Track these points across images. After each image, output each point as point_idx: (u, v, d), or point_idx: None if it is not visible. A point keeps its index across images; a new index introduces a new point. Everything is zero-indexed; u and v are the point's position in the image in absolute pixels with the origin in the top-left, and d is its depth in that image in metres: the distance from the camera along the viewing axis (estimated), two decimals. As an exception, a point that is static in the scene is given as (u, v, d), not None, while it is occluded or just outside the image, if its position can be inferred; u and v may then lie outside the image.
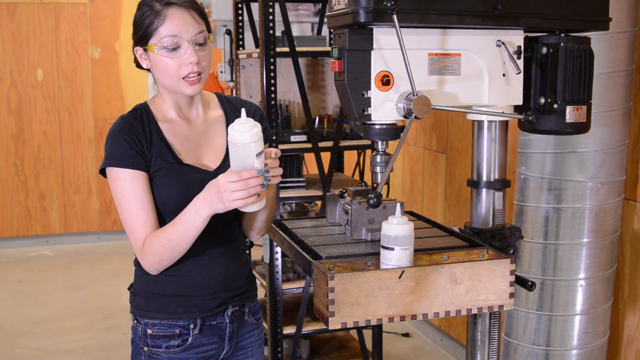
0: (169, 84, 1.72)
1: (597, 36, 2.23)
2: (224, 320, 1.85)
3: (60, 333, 4.45)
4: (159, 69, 1.71)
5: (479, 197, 1.79)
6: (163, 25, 1.67)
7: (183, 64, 1.68)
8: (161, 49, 1.67)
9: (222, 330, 1.85)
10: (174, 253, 1.70)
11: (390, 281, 1.46)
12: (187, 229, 1.66)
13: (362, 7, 1.48)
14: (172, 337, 1.80)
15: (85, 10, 6.37)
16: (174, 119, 1.80)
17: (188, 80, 1.69)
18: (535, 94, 1.72)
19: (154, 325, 1.80)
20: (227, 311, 1.85)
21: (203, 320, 1.82)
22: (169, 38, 1.66)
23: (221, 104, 1.88)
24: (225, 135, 1.80)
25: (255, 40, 3.59)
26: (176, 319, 1.79)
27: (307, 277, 3.34)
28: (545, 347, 2.49)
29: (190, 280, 1.79)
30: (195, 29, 1.68)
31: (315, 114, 3.64)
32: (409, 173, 4.42)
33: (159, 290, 1.80)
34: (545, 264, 2.47)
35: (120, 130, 1.72)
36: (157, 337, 1.80)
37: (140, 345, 1.82)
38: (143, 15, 1.70)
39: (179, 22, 1.67)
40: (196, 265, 1.80)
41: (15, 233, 6.43)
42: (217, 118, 1.85)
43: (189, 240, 1.68)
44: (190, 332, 1.80)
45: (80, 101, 6.45)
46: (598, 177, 2.40)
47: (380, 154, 1.64)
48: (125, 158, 1.70)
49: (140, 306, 1.82)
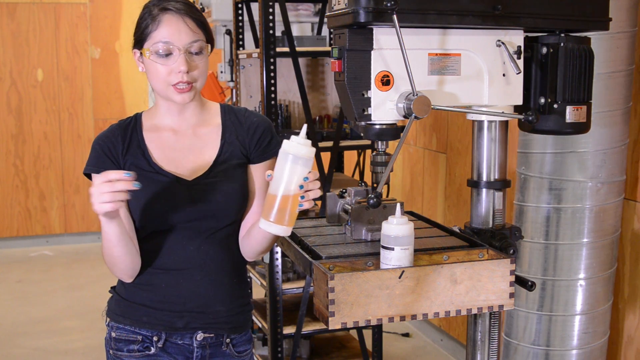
0: (159, 90, 1.71)
1: (597, 36, 2.23)
2: (192, 343, 1.76)
3: (60, 333, 4.45)
4: (150, 73, 1.70)
5: (479, 197, 1.79)
6: (156, 31, 1.65)
7: (173, 72, 1.65)
8: (153, 54, 1.66)
9: (190, 352, 1.77)
10: (112, 263, 1.69)
11: (390, 281, 1.46)
12: (103, 233, 1.63)
13: (362, 7, 1.48)
14: (134, 342, 1.75)
15: (85, 10, 6.37)
16: (163, 127, 1.76)
17: (177, 89, 1.66)
18: (535, 94, 1.72)
19: (118, 328, 1.77)
20: (195, 336, 1.75)
21: (168, 336, 1.75)
22: (162, 44, 1.64)
23: (222, 114, 1.81)
24: (217, 147, 1.76)
25: (255, 40, 3.58)
26: (139, 327, 1.75)
27: (307, 277, 3.33)
28: (545, 347, 2.49)
29: (158, 292, 1.74)
30: (189, 37, 1.65)
31: (315, 114, 3.64)
32: (409, 173, 4.42)
33: (129, 297, 1.77)
34: (545, 264, 2.47)
35: (100, 137, 1.75)
36: (119, 341, 1.77)
37: (107, 349, 1.81)
38: (142, 18, 1.69)
39: (172, 29, 1.64)
40: (165, 279, 1.74)
41: (15, 233, 6.43)
42: (212, 129, 1.78)
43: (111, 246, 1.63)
44: (153, 344, 1.75)
45: (80, 101, 6.45)
46: (598, 177, 2.40)
47: (380, 154, 1.64)
48: (95, 164, 1.71)
49: (111, 308, 1.81)
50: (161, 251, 1.72)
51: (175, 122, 1.77)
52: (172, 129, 1.76)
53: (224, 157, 1.75)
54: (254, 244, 1.75)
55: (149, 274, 1.74)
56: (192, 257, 1.73)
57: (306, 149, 1.48)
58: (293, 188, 1.48)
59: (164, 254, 1.72)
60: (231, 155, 1.76)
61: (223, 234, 1.75)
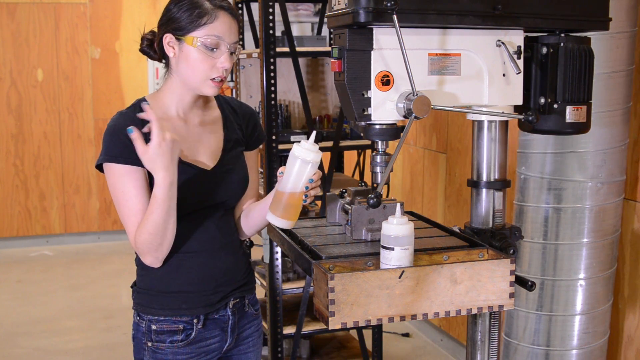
0: (193, 79, 1.74)
1: (597, 36, 2.23)
2: (227, 313, 1.88)
3: (60, 333, 4.45)
4: (189, 62, 1.72)
5: (479, 197, 1.79)
6: (212, 24, 1.70)
7: (215, 66, 1.72)
8: (201, 45, 1.70)
9: (225, 323, 1.88)
10: (163, 236, 1.69)
11: (390, 281, 1.46)
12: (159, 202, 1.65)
13: (362, 7, 1.48)
14: (176, 332, 1.82)
15: (85, 10, 6.37)
16: (173, 116, 1.81)
17: (214, 82, 1.74)
18: (535, 94, 1.72)
19: (158, 321, 1.82)
20: (229, 304, 1.88)
21: (206, 315, 1.84)
22: (214, 37, 1.70)
23: (219, 105, 1.92)
24: (222, 136, 1.87)
25: (255, 40, 3.59)
26: (180, 316, 1.82)
27: (307, 277, 3.34)
28: (545, 347, 2.49)
29: (192, 276, 1.82)
30: (235, 37, 1.76)
31: (315, 114, 3.64)
32: (409, 173, 4.42)
33: (162, 288, 1.82)
34: (545, 264, 2.47)
35: (120, 125, 1.71)
36: (161, 333, 1.82)
37: (143, 341, 1.84)
38: (193, 6, 1.71)
39: (226, 27, 1.72)
40: (197, 261, 1.82)
41: (15, 233, 6.43)
42: (215, 119, 1.89)
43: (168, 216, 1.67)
44: (194, 327, 1.83)
45: (80, 101, 6.45)
46: (598, 177, 2.40)
47: (380, 154, 1.64)
48: (123, 154, 1.69)
49: (144, 303, 1.84)
50: (187, 235, 1.80)
51: (185, 112, 1.83)
52: (181, 119, 1.82)
53: (229, 146, 1.88)
54: (252, 224, 1.93)
55: (178, 259, 1.81)
56: (214, 237, 1.84)
57: (313, 154, 1.65)
58: (300, 187, 1.66)
59: (189, 237, 1.81)
60: (235, 143, 1.90)
61: (230, 213, 1.92)
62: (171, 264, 1.80)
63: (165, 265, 1.79)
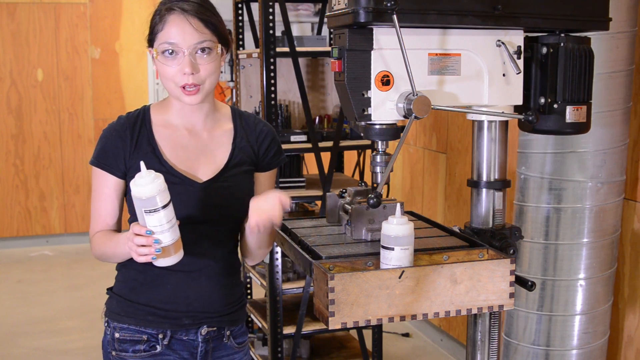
0: (169, 90, 1.71)
1: (597, 36, 2.23)
2: (196, 338, 1.78)
3: (60, 333, 4.45)
4: (160, 73, 1.70)
5: (479, 197, 1.79)
6: (162, 31, 1.65)
7: (178, 73, 1.64)
8: (160, 55, 1.66)
9: (194, 348, 1.78)
10: (111, 261, 1.78)
11: (390, 281, 1.46)
12: (120, 252, 1.69)
13: (362, 7, 1.48)
14: (139, 342, 1.75)
15: (85, 10, 6.36)
16: (176, 125, 1.76)
17: (185, 91, 1.65)
18: (535, 94, 1.72)
19: (122, 329, 1.77)
20: (200, 330, 1.78)
21: (173, 333, 1.76)
22: (166, 44, 1.64)
23: (233, 118, 1.82)
24: (229, 150, 1.77)
25: (255, 40, 3.59)
26: (144, 327, 1.75)
27: (307, 277, 3.33)
28: (545, 347, 2.49)
29: (163, 293, 1.74)
30: (194, 38, 1.63)
31: (315, 114, 3.64)
32: (409, 173, 4.42)
33: (132, 297, 1.77)
34: (545, 264, 2.47)
35: (109, 130, 1.74)
36: (124, 341, 1.76)
37: (108, 350, 1.79)
38: (153, 17, 1.69)
39: (176, 30, 1.63)
40: (172, 279, 1.74)
41: (15, 233, 6.43)
42: (225, 132, 1.79)
43: (122, 259, 1.74)
44: (159, 342, 1.76)
45: (80, 101, 6.45)
46: (598, 177, 2.40)
47: (380, 154, 1.64)
48: (102, 159, 1.72)
49: (112, 309, 1.80)
50: None
51: (189, 122, 1.76)
52: (186, 128, 1.76)
53: (235, 162, 1.77)
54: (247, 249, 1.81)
55: (154, 274, 1.73)
56: (198, 259, 1.74)
57: (149, 186, 1.48)
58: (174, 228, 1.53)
59: None
60: (241, 160, 1.78)
61: (226, 237, 1.79)
62: (148, 275, 1.74)
63: (143, 275, 1.75)
